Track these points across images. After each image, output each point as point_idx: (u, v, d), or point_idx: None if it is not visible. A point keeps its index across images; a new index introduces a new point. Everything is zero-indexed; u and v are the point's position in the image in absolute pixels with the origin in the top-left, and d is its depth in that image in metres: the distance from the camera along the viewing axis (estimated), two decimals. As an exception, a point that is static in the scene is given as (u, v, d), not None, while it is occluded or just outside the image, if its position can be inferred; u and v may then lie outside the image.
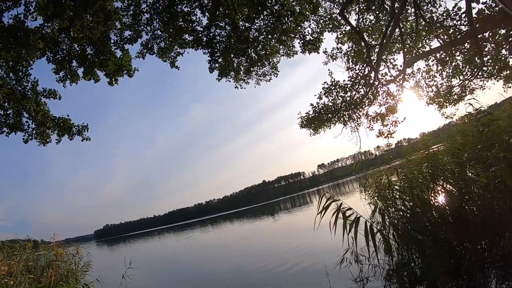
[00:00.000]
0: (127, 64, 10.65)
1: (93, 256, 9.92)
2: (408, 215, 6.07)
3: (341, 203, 4.56)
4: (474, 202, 5.25)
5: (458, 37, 6.73)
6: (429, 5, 9.75)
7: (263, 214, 44.32)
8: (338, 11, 9.70)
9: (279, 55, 11.82)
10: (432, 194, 6.06)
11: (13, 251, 8.08)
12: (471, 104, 5.48)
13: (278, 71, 12.25)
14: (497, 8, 6.25)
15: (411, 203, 5.89)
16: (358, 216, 4.42)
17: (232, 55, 11.57)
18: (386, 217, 6.02)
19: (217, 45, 11.34)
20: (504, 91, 10.78)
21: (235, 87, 12.22)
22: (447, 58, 8.97)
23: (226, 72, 11.77)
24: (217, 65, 11.70)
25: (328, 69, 10.94)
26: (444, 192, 6.02)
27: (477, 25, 5.36)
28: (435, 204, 5.82)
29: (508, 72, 9.40)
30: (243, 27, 11.18)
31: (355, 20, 10.69)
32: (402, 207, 6.19)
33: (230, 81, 12.08)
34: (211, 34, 11.09)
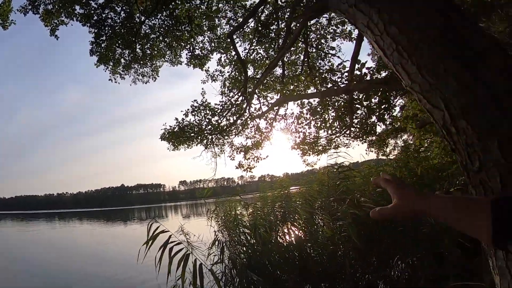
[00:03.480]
0: (4, 13, 8.58)
1: None
2: (250, 251, 6.11)
3: (170, 236, 4.12)
4: (316, 251, 5.40)
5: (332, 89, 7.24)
6: (319, 58, 10.37)
7: (116, 219, 43.04)
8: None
9: (164, 60, 11.17)
10: (279, 235, 6.25)
11: None
12: (337, 157, 5.58)
13: (158, 76, 11.57)
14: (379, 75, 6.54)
15: (254, 241, 5.95)
16: (187, 252, 4.08)
17: (117, 44, 10.42)
18: (226, 250, 5.94)
19: (106, 29, 10.05)
20: (366, 153, 11.95)
21: (109, 79, 10.97)
22: (319, 109, 9.38)
23: (106, 60, 10.47)
24: (99, 49, 10.34)
25: (202, 88, 10.55)
26: (289, 235, 6.30)
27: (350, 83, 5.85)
28: (279, 245, 5.96)
29: (373, 138, 10.25)
30: (138, 20, 10.24)
31: (244, 49, 10.72)
32: (246, 243, 6.21)
33: (106, 71, 10.82)
34: (103, 15, 9.75)
